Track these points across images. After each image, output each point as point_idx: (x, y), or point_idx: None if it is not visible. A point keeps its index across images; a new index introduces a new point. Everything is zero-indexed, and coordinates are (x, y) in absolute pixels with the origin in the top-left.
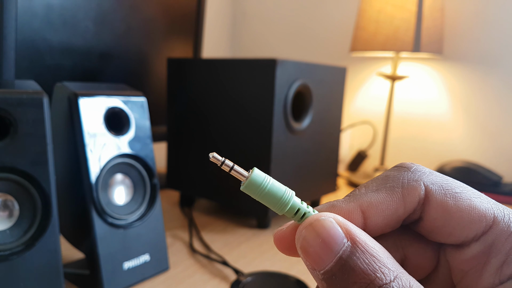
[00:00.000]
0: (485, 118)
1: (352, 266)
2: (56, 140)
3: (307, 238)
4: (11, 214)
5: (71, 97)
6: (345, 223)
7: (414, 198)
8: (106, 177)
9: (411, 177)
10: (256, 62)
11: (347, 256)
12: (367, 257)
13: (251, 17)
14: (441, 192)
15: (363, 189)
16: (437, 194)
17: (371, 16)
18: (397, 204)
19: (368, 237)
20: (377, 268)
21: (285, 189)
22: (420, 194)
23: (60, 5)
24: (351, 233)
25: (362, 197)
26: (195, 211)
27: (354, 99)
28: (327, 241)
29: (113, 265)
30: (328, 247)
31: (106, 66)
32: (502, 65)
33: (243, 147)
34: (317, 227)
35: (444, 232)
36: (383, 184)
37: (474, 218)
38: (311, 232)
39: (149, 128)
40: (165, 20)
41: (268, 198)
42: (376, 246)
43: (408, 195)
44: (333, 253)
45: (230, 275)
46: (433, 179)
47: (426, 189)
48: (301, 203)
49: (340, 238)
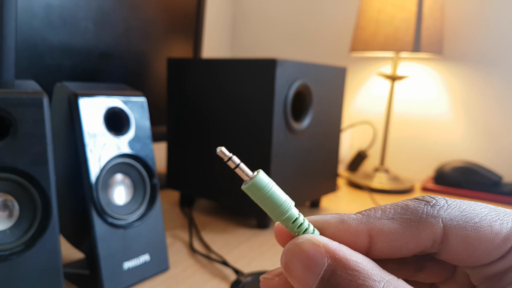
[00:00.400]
0: (485, 118)
1: (335, 284)
2: (56, 140)
3: (288, 263)
4: (11, 214)
5: (71, 97)
6: (325, 243)
7: (429, 235)
8: (106, 177)
9: (430, 212)
10: (256, 62)
11: (330, 275)
12: (349, 273)
13: (251, 17)
14: (461, 227)
15: (379, 212)
16: (457, 230)
17: (371, 16)
18: (409, 239)
19: (350, 252)
20: (360, 283)
21: (286, 198)
22: (437, 232)
23: (60, 5)
24: (331, 251)
25: (375, 221)
26: (195, 211)
27: (354, 99)
28: (307, 263)
29: (113, 265)
30: (309, 270)
31: (106, 66)
32: (502, 65)
33: (243, 147)
34: (296, 252)
35: (467, 261)
36: (401, 214)
37: (498, 243)
38: (291, 257)
39: (149, 128)
40: (165, 20)
41: (268, 203)
42: (359, 259)
43: (423, 231)
44: (314, 275)
45: (230, 275)
46: (451, 214)
47: (445, 227)
48: (299, 214)
49: (320, 258)
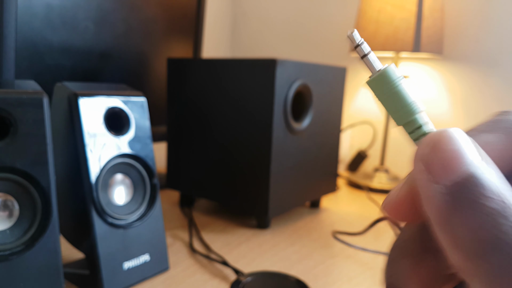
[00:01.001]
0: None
1: (484, 183)
2: (56, 140)
3: (436, 147)
4: (11, 214)
5: (71, 97)
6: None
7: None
8: (106, 177)
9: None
10: (256, 62)
11: (480, 172)
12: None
13: (251, 17)
14: None
15: (473, 131)
16: None
17: (371, 16)
18: (507, 150)
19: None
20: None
21: (415, 99)
22: None
23: (60, 5)
24: (482, 152)
25: (477, 137)
26: (195, 211)
27: (354, 99)
28: (460, 150)
29: (113, 265)
30: (461, 157)
31: (106, 66)
32: (502, 65)
33: (243, 147)
34: (451, 136)
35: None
36: (496, 125)
37: None
38: (442, 139)
39: (149, 128)
40: (165, 20)
41: (395, 99)
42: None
43: None
44: (465, 165)
45: (230, 275)
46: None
47: None
48: (424, 123)
49: (473, 153)
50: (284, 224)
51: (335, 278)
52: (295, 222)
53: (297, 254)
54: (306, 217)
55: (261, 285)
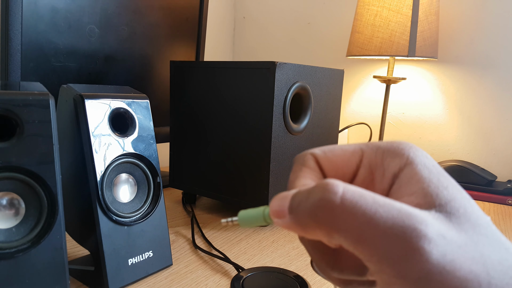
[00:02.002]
0: (479, 119)
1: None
2: (62, 141)
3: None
4: (17, 212)
5: (76, 98)
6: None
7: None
8: (111, 176)
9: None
10: (256, 65)
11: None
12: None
13: (251, 22)
14: (322, 153)
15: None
16: (320, 155)
17: (368, 20)
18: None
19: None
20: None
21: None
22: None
23: (65, 9)
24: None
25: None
26: (197, 209)
27: (351, 101)
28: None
29: (117, 262)
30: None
31: (111, 69)
32: (496, 67)
33: (243, 147)
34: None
35: (340, 176)
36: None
37: (348, 155)
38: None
39: (152, 129)
40: (168, 25)
41: (251, 221)
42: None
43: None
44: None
45: (231, 271)
46: (313, 150)
47: (315, 156)
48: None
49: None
50: None
51: None
52: None
53: (296, 250)
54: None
55: (261, 281)
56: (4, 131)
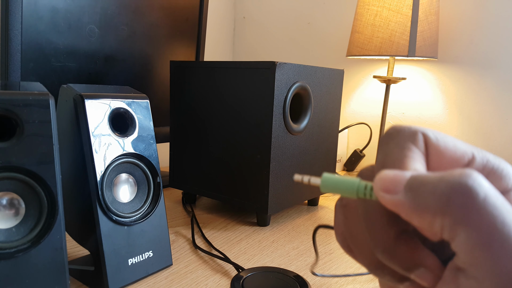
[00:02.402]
0: (479, 119)
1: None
2: (62, 141)
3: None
4: (17, 212)
5: (76, 98)
6: None
7: (423, 146)
8: (111, 176)
9: (412, 132)
10: (256, 65)
11: (414, 173)
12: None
13: (251, 22)
14: (434, 137)
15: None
16: (432, 139)
17: (368, 20)
18: (422, 158)
19: None
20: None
21: (348, 177)
22: (422, 142)
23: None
24: None
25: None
26: (197, 209)
27: (351, 101)
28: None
29: (117, 261)
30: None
31: (111, 69)
32: (496, 67)
33: (243, 147)
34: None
35: (437, 171)
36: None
37: (459, 155)
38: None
39: (152, 129)
40: (168, 25)
41: (343, 187)
42: None
43: (420, 146)
44: (404, 174)
45: (231, 271)
46: (423, 129)
47: (424, 136)
48: (366, 184)
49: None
50: (283, 222)
51: (333, 273)
52: (294, 219)
53: (295, 250)
54: (304, 215)
55: (261, 281)
56: (4, 131)
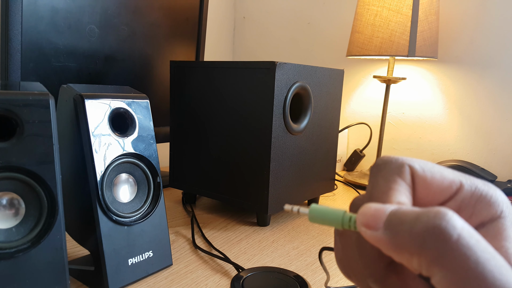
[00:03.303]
0: (480, 119)
1: (400, 211)
2: (62, 141)
3: (364, 214)
4: (17, 212)
5: (76, 98)
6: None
7: (409, 179)
8: (111, 176)
9: (399, 164)
10: (256, 65)
11: (394, 209)
12: (409, 207)
13: (251, 22)
14: (420, 169)
15: (383, 196)
16: (418, 171)
17: (368, 20)
18: (407, 189)
19: None
20: (419, 208)
21: (337, 209)
22: (409, 175)
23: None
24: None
25: (390, 199)
26: (197, 209)
27: (351, 101)
28: (377, 207)
29: (117, 261)
30: (380, 209)
31: (111, 69)
32: (496, 67)
33: (243, 146)
34: (368, 205)
35: (425, 202)
36: (391, 182)
37: (446, 185)
38: (365, 208)
39: (152, 129)
40: (168, 25)
41: (328, 219)
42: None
43: (406, 179)
44: (384, 211)
45: (231, 271)
46: (410, 161)
47: (411, 169)
48: (350, 216)
49: (385, 204)
50: (283, 222)
51: (333, 273)
52: (294, 219)
53: (296, 250)
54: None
55: (261, 281)
56: (4, 131)
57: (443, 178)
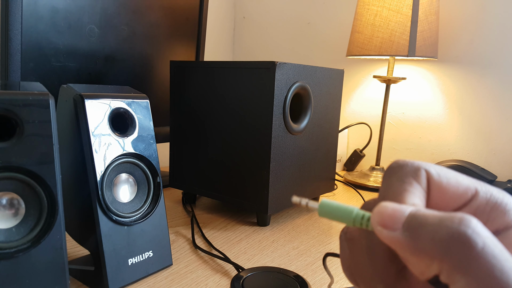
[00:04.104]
0: (480, 119)
1: (421, 212)
2: (62, 141)
3: (381, 213)
4: (17, 212)
5: (76, 98)
6: None
7: (425, 183)
8: (111, 176)
9: (414, 168)
10: (256, 65)
11: (414, 210)
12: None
13: (251, 22)
14: (436, 174)
15: (398, 197)
16: (434, 176)
17: (368, 20)
18: (423, 193)
19: None
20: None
21: (348, 205)
22: (425, 179)
23: (65, 9)
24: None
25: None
26: (197, 209)
27: (351, 101)
28: (395, 206)
29: (117, 261)
30: (398, 209)
31: (111, 69)
32: (496, 67)
33: (243, 146)
34: (384, 203)
35: (440, 207)
36: (401, 184)
37: (462, 191)
38: (382, 207)
39: (152, 129)
40: (168, 24)
41: (339, 214)
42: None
43: (422, 183)
44: (403, 211)
45: (231, 271)
46: (426, 165)
47: (427, 173)
48: (363, 213)
49: (403, 204)
50: (283, 222)
51: (333, 273)
52: (294, 219)
53: (296, 250)
54: (304, 215)
55: (261, 281)
56: (4, 131)
57: (458, 184)
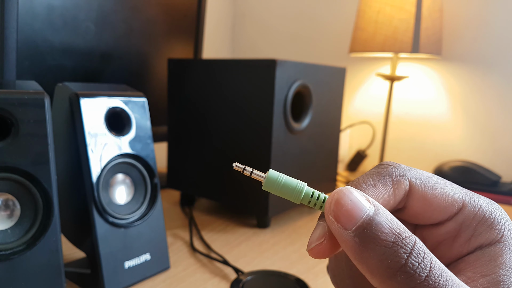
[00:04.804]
0: (484, 118)
1: (378, 223)
2: (58, 140)
3: (339, 203)
4: (12, 213)
5: (72, 97)
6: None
7: (401, 191)
8: (107, 177)
9: (398, 173)
10: (256, 63)
11: (372, 215)
12: (389, 218)
13: (251, 19)
14: (421, 184)
15: (363, 184)
16: (418, 186)
17: (370, 17)
18: (390, 197)
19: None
20: (399, 228)
21: (297, 182)
22: (406, 187)
23: (61, 6)
24: (371, 200)
25: (367, 190)
26: (196, 211)
27: (353, 99)
28: (356, 202)
29: (114, 264)
30: (358, 207)
31: (107, 67)
32: (501, 65)
33: (243, 146)
34: (347, 193)
35: (423, 217)
36: (378, 179)
37: (448, 203)
38: (342, 197)
39: (149, 128)
40: (166, 21)
41: (285, 191)
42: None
43: (397, 188)
44: (362, 212)
45: (230, 274)
46: (414, 174)
47: (410, 183)
48: (313, 191)
49: (365, 202)
50: (283, 224)
51: None
52: (295, 221)
53: (296, 253)
54: (305, 216)
55: (261, 284)
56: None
57: (445, 196)
